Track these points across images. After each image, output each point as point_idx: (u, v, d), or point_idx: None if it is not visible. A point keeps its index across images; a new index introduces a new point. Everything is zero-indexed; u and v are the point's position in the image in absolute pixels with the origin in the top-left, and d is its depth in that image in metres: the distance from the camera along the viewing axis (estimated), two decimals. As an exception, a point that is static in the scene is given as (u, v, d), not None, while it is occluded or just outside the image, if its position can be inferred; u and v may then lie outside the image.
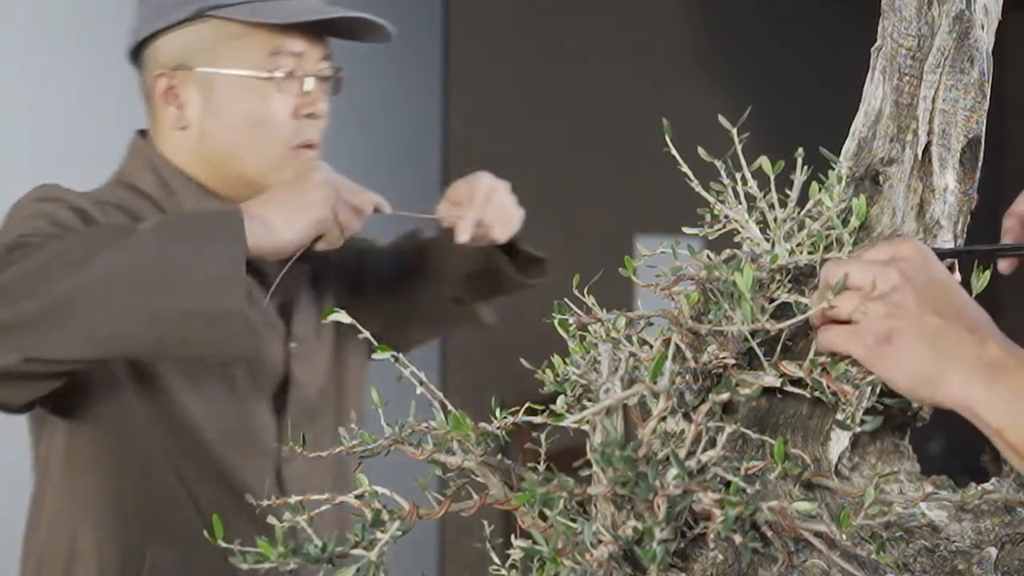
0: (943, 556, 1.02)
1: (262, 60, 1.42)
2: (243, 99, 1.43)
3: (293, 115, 1.44)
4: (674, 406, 0.99)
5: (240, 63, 1.42)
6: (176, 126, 1.48)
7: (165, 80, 1.47)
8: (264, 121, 1.43)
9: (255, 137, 1.44)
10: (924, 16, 1.06)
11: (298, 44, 1.43)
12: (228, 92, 1.43)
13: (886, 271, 0.90)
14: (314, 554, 0.90)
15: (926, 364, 0.89)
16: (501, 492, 1.05)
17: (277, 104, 1.43)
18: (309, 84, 1.44)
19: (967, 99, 1.07)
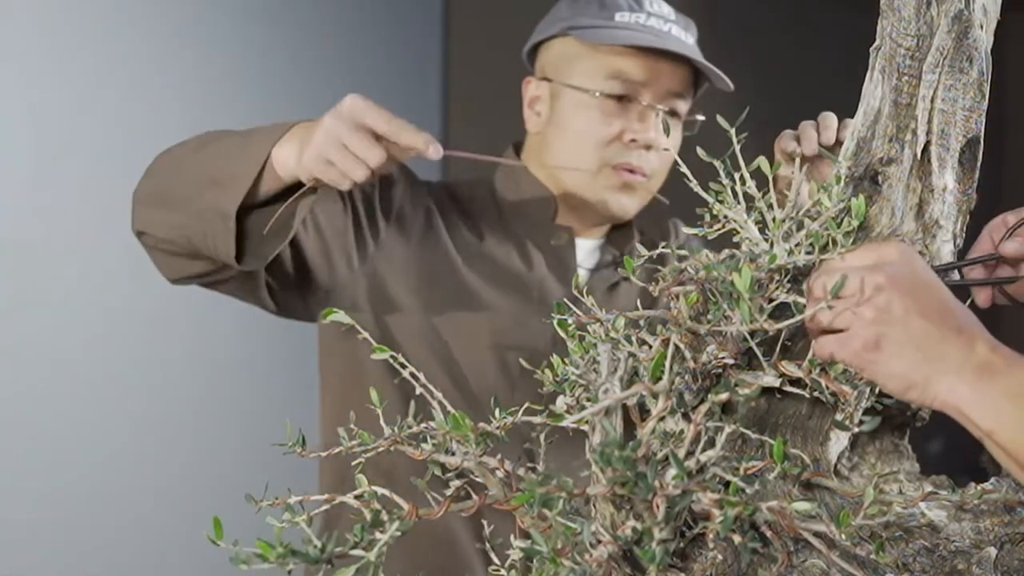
0: (943, 556, 1.02)
1: (598, 80, 1.54)
2: (575, 116, 1.56)
3: (618, 137, 1.54)
4: (673, 406, 0.99)
5: (579, 79, 1.55)
6: (531, 130, 1.63)
7: (532, 87, 1.62)
8: (589, 139, 1.55)
9: (575, 150, 1.55)
10: (923, 16, 1.06)
11: (639, 72, 1.54)
12: (567, 105, 1.57)
13: (871, 276, 0.91)
14: (313, 555, 0.90)
15: (914, 367, 0.89)
16: (500, 492, 1.06)
17: (602, 125, 1.54)
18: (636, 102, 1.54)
19: (966, 99, 1.07)
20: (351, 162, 1.23)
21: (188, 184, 1.36)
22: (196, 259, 1.42)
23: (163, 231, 1.40)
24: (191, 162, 1.38)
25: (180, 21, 2.70)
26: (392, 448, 1.10)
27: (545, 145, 1.60)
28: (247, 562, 0.88)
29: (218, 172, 1.33)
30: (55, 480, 2.49)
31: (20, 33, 2.47)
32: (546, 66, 1.61)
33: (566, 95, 1.57)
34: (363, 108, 1.24)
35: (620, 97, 1.54)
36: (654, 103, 1.55)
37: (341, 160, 1.24)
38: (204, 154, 1.37)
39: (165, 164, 1.42)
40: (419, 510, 1.00)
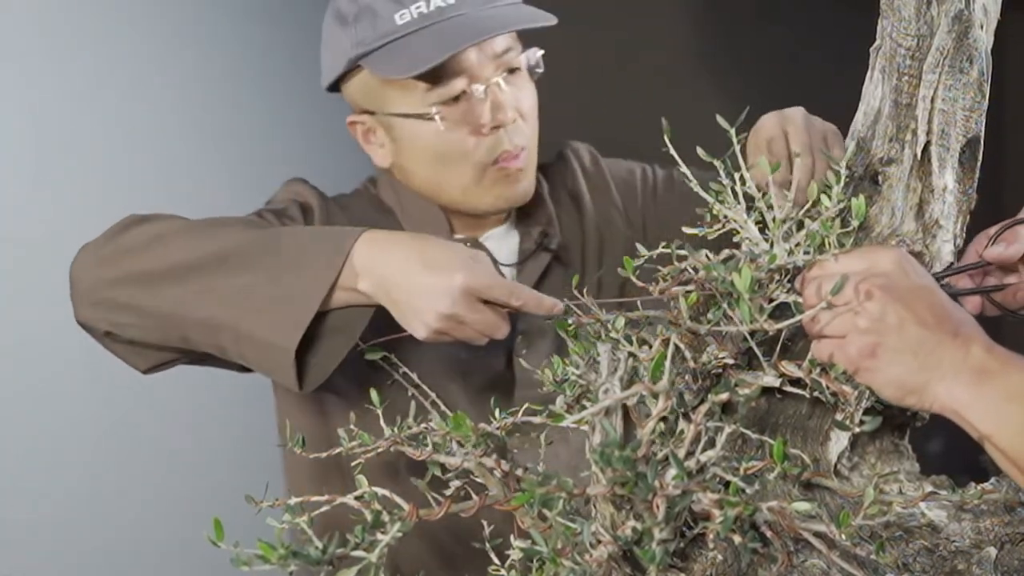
0: (943, 556, 1.02)
1: (422, 96, 1.35)
2: (421, 137, 1.38)
3: (475, 134, 1.37)
4: (673, 406, 0.99)
5: (403, 105, 1.37)
6: (383, 164, 1.45)
7: (359, 125, 1.43)
8: (447, 153, 1.38)
9: (445, 169, 1.39)
10: (923, 16, 1.06)
11: (460, 61, 1.34)
12: (406, 133, 1.39)
13: (864, 284, 0.91)
14: (315, 556, 0.90)
15: (911, 374, 0.90)
16: (501, 492, 1.06)
17: (453, 135, 1.36)
18: (476, 94, 1.35)
19: (966, 99, 1.06)
20: (473, 335, 1.16)
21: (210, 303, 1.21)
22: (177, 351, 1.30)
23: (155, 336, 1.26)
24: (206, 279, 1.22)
25: (180, 21, 2.70)
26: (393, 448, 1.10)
27: (410, 175, 1.43)
28: (248, 563, 0.88)
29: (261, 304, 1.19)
30: (55, 480, 2.49)
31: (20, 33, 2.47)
32: (358, 100, 1.42)
33: (398, 122, 1.39)
34: (482, 285, 1.14)
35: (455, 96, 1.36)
36: (487, 79, 1.36)
37: (461, 334, 1.16)
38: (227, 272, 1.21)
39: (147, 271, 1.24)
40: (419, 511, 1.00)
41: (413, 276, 1.15)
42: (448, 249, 1.18)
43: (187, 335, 1.24)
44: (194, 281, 1.22)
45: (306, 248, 1.21)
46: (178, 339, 1.25)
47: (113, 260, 1.26)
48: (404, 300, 1.16)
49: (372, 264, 1.17)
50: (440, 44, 1.33)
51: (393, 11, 1.34)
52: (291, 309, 1.18)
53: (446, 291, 1.14)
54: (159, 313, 1.24)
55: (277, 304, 1.18)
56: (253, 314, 1.19)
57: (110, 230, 1.29)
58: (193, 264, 1.22)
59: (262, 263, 1.20)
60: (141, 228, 1.27)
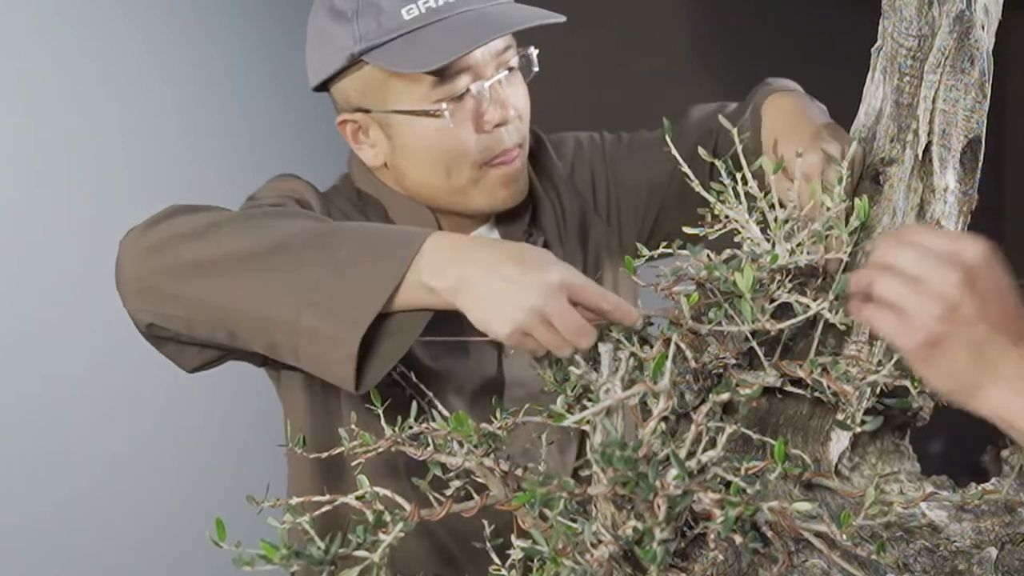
0: (943, 556, 1.02)
1: (427, 92, 1.33)
2: (421, 134, 1.36)
3: (476, 132, 1.36)
4: (674, 406, 0.99)
5: (406, 101, 1.35)
6: (375, 164, 1.42)
7: (349, 125, 1.40)
8: (447, 151, 1.36)
9: (443, 168, 1.37)
10: (925, 16, 1.06)
11: (466, 59, 1.33)
12: (406, 130, 1.37)
13: (950, 271, 0.86)
14: (317, 556, 0.90)
15: (967, 372, 0.87)
16: (501, 492, 1.06)
17: (455, 131, 1.35)
18: (480, 91, 1.34)
19: (967, 99, 1.07)
20: (557, 342, 1.08)
21: (265, 296, 1.16)
22: (222, 349, 1.26)
23: (200, 331, 1.22)
24: (263, 271, 1.17)
25: (180, 21, 2.70)
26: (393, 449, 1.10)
27: (403, 174, 1.41)
28: (250, 563, 0.88)
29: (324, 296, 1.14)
30: (55, 480, 2.49)
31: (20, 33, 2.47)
32: (353, 98, 1.38)
33: (397, 119, 1.36)
34: (575, 285, 1.08)
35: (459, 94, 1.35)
36: (491, 77, 1.35)
37: (544, 337, 1.08)
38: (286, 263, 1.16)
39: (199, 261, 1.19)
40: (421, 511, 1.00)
41: (503, 269, 1.09)
42: (539, 250, 1.13)
43: (236, 330, 1.19)
44: (249, 272, 1.16)
45: (372, 243, 1.16)
46: (225, 335, 1.20)
47: (161, 247, 1.20)
48: (488, 296, 1.09)
49: (447, 262, 1.12)
50: (460, 37, 1.31)
51: (399, 6, 1.32)
52: (356, 304, 1.12)
53: (538, 284, 1.08)
54: (208, 305, 1.19)
55: (340, 299, 1.13)
56: (314, 308, 1.13)
57: (155, 217, 1.24)
58: (248, 254, 1.17)
59: (324, 256, 1.15)
60: (191, 216, 1.22)
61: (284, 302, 1.15)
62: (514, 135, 1.38)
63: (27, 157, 2.47)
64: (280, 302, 1.15)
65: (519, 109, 1.39)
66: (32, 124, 2.48)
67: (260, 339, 1.18)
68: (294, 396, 1.43)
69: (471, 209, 1.41)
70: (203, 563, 1.78)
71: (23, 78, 2.46)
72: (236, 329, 1.19)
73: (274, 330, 1.16)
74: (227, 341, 1.21)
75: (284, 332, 1.15)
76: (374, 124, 1.39)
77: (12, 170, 2.44)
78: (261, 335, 1.18)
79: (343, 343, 1.12)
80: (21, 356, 2.45)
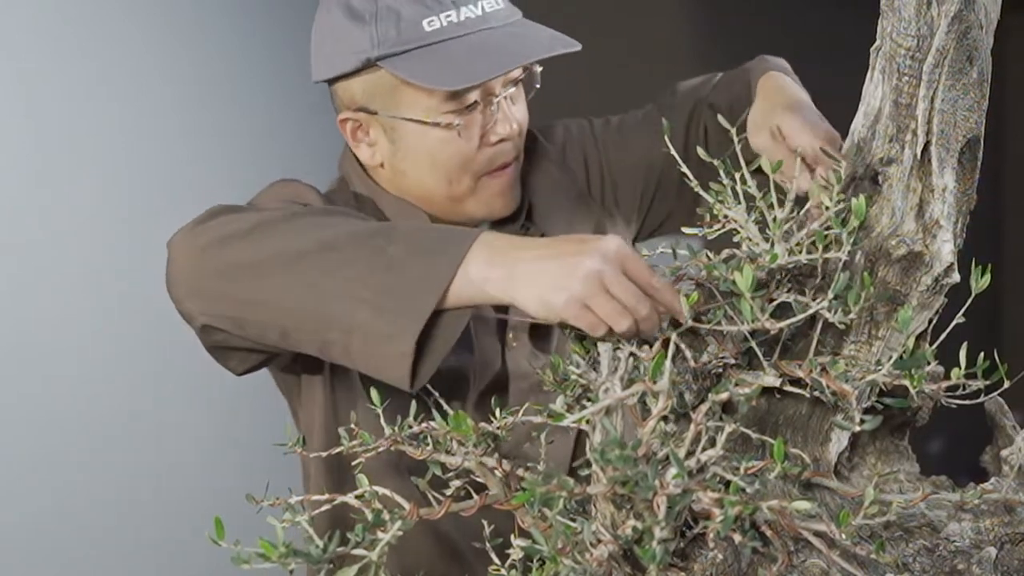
0: (942, 556, 1.02)
1: (438, 103, 1.34)
2: (427, 142, 1.36)
3: (480, 145, 1.37)
4: (674, 406, 0.99)
5: (417, 109, 1.35)
6: (372, 164, 1.42)
7: (350, 123, 1.40)
8: (450, 159, 1.37)
9: (444, 176, 1.38)
10: (923, 16, 1.06)
11: None
12: (412, 136, 1.37)
13: None
14: (315, 554, 0.90)
15: None
16: (501, 492, 1.06)
17: (461, 143, 1.36)
18: (490, 107, 1.36)
19: (966, 99, 1.07)
20: (617, 311, 1.04)
21: (320, 293, 1.16)
22: (271, 351, 1.27)
23: (251, 332, 1.21)
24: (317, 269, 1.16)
25: (179, 21, 2.70)
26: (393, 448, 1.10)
27: (401, 178, 1.41)
28: (249, 561, 0.88)
29: (379, 292, 1.13)
30: (54, 480, 2.49)
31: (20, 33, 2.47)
32: (359, 98, 1.37)
33: (405, 125, 1.36)
34: (630, 255, 1.07)
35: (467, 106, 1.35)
36: (500, 92, 1.36)
37: (604, 307, 1.05)
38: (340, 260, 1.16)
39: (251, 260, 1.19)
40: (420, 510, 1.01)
41: (555, 248, 1.09)
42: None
43: (288, 329, 1.19)
44: (301, 270, 1.16)
45: (423, 240, 1.15)
46: (278, 335, 1.20)
47: (212, 247, 1.20)
48: (542, 276, 1.08)
49: (499, 254, 1.11)
50: (487, 61, 1.32)
51: (421, 16, 1.32)
52: (411, 301, 1.11)
53: (595, 250, 1.06)
54: (261, 304, 1.18)
55: (395, 296, 1.12)
56: (368, 306, 1.13)
57: (201, 217, 1.24)
58: (302, 252, 1.16)
59: (375, 254, 1.14)
60: (239, 215, 1.22)
61: (337, 300, 1.14)
62: (513, 150, 1.40)
63: (27, 157, 2.47)
64: (333, 300, 1.14)
65: (520, 124, 1.40)
66: (32, 124, 2.48)
67: (313, 339, 1.18)
68: (313, 400, 1.43)
69: (466, 216, 1.42)
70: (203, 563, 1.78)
71: (23, 78, 2.47)
72: (289, 329, 1.18)
73: (327, 329, 1.15)
74: (279, 341, 1.21)
75: (338, 330, 1.15)
76: (376, 125, 1.39)
77: (12, 170, 2.44)
78: (314, 334, 1.17)
79: (399, 340, 1.11)
80: (21, 356, 2.45)
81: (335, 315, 1.14)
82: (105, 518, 2.55)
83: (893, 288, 1.06)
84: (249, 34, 2.83)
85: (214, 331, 1.23)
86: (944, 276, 1.06)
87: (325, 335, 1.16)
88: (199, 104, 2.71)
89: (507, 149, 1.39)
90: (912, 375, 1.01)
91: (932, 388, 1.03)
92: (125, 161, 2.60)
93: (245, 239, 1.19)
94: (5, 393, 2.43)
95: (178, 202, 1.35)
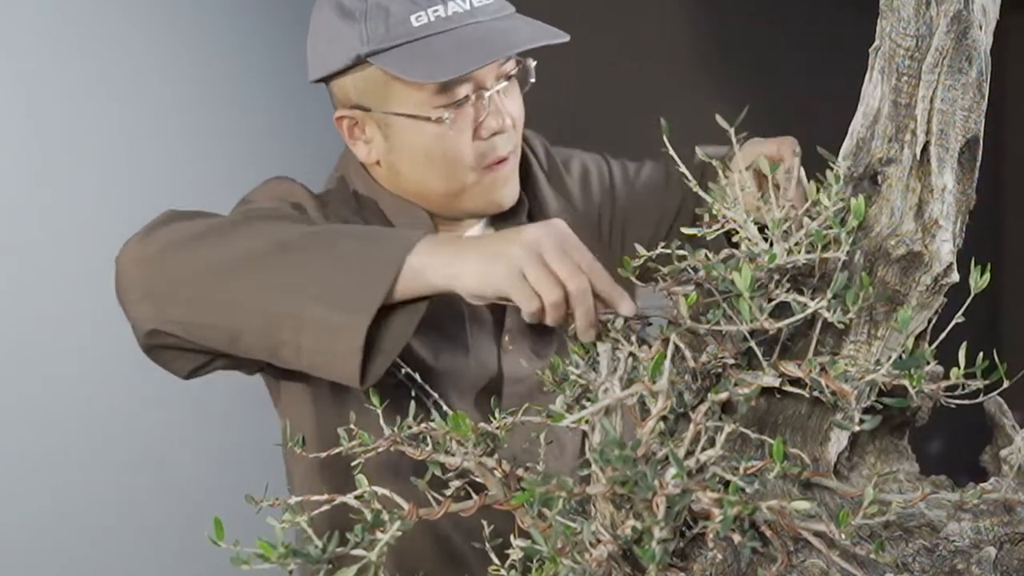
0: (942, 555, 1.02)
1: (429, 98, 1.35)
2: (419, 138, 1.38)
3: (474, 138, 1.38)
4: (673, 406, 0.99)
5: (408, 105, 1.36)
6: (369, 161, 1.43)
7: (346, 120, 1.42)
8: (444, 154, 1.38)
9: (439, 171, 1.39)
10: (922, 16, 1.06)
11: (467, 74, 1.35)
12: (404, 132, 1.38)
13: None
14: (314, 555, 0.90)
15: None
16: (500, 492, 1.06)
17: (453, 137, 1.37)
18: (481, 101, 1.37)
19: (965, 99, 1.07)
20: (549, 282, 1.09)
21: (271, 294, 1.17)
22: (218, 356, 1.27)
23: (200, 335, 1.23)
24: (267, 270, 1.18)
25: (179, 21, 2.70)
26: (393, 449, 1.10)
27: (397, 174, 1.42)
28: (248, 562, 0.89)
29: (329, 288, 1.15)
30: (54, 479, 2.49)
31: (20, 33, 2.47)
32: (353, 95, 1.39)
33: (396, 122, 1.38)
34: (571, 236, 1.12)
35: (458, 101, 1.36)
36: (492, 86, 1.38)
37: (538, 277, 1.09)
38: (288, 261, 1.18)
39: (201, 263, 1.20)
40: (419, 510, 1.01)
41: (497, 237, 1.14)
42: None
43: (239, 333, 1.20)
44: (250, 272, 1.18)
45: (369, 237, 1.19)
46: (227, 339, 1.21)
47: (161, 253, 1.22)
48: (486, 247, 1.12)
49: (442, 245, 1.15)
50: (470, 53, 1.33)
51: (408, 12, 1.33)
52: (360, 294, 1.14)
53: (539, 226, 1.12)
54: (211, 307, 1.19)
55: (344, 290, 1.14)
56: (318, 302, 1.15)
57: (152, 224, 1.26)
58: (251, 255, 1.18)
59: (323, 252, 1.17)
60: (188, 222, 1.24)
61: (288, 299, 1.16)
62: (508, 143, 1.40)
63: (27, 157, 2.47)
64: (284, 299, 1.16)
65: (514, 118, 1.41)
66: (32, 124, 2.48)
67: (264, 342, 1.19)
68: (296, 400, 1.43)
69: (464, 211, 1.43)
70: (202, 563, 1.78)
71: (23, 78, 2.47)
72: (238, 332, 1.19)
73: (278, 329, 1.17)
74: (228, 347, 1.22)
75: (288, 329, 1.16)
76: (371, 122, 1.40)
77: (12, 170, 2.44)
78: (264, 337, 1.18)
79: (349, 335, 1.13)
80: (21, 356, 2.45)
81: (286, 314, 1.15)
82: (105, 518, 2.55)
83: (892, 288, 1.06)
84: (249, 34, 2.83)
85: (163, 336, 1.24)
86: (943, 276, 1.06)
87: (276, 335, 1.17)
88: (199, 104, 2.71)
89: (501, 143, 1.39)
90: (911, 375, 1.01)
91: (931, 388, 1.03)
92: (125, 161, 2.60)
93: (195, 244, 1.20)
94: (5, 393, 2.43)
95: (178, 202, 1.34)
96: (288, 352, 1.18)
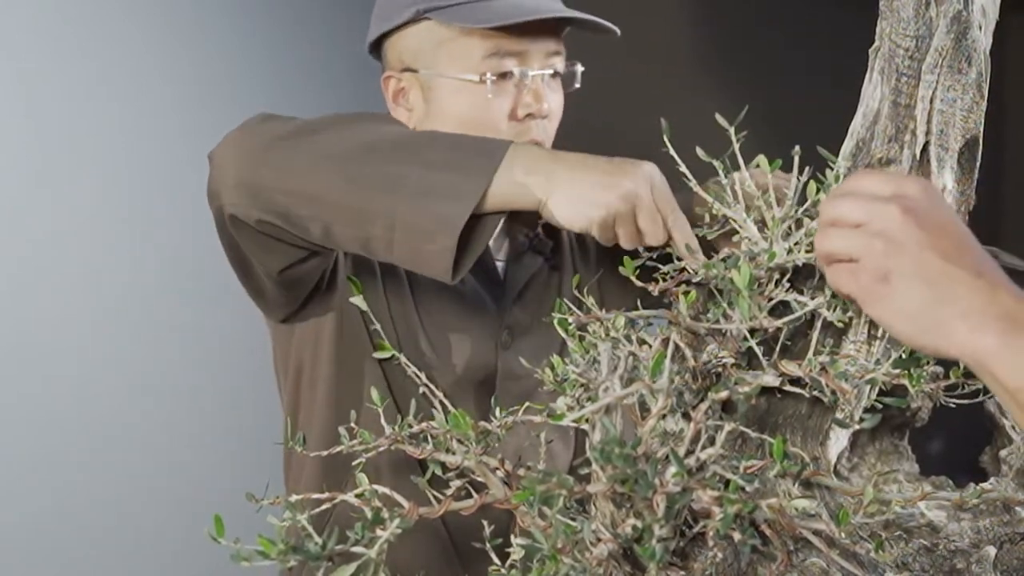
0: (942, 555, 1.02)
1: (476, 63, 1.39)
2: (458, 102, 1.41)
3: (511, 116, 1.41)
4: (673, 405, 0.99)
5: (455, 67, 1.40)
6: (408, 126, 1.43)
7: (393, 82, 1.46)
8: (478, 125, 1.40)
9: None
10: (922, 17, 1.06)
11: (519, 43, 1.40)
12: (445, 95, 1.42)
13: (886, 207, 0.82)
14: (314, 552, 0.90)
15: (927, 307, 0.80)
16: (500, 491, 1.06)
17: (492, 107, 1.40)
18: (523, 77, 1.40)
19: (965, 99, 1.07)
20: (635, 235, 1.16)
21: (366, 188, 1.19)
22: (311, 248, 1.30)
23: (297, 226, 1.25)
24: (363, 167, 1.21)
25: (179, 21, 2.70)
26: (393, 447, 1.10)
27: None
28: (248, 559, 0.89)
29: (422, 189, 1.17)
30: (54, 479, 2.49)
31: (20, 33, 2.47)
32: (405, 56, 1.44)
33: (441, 83, 1.41)
34: (661, 183, 1.16)
35: (502, 73, 1.40)
36: (536, 69, 1.42)
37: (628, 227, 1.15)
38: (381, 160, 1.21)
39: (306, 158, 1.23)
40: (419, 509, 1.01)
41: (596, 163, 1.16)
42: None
43: (333, 223, 1.22)
44: (349, 167, 1.20)
45: (465, 144, 1.21)
46: (321, 229, 1.23)
47: (262, 146, 1.25)
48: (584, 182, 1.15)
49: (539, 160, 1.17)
50: (526, 10, 1.37)
51: None
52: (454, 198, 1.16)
53: (638, 174, 1.15)
54: (309, 197, 1.21)
55: (438, 193, 1.16)
56: (412, 202, 1.17)
57: (249, 122, 1.30)
58: (349, 151, 1.21)
59: (418, 155, 1.19)
60: (285, 121, 1.27)
61: (383, 196, 1.18)
62: (541, 131, 1.43)
63: (27, 157, 2.47)
64: (378, 195, 1.18)
65: (552, 110, 1.44)
66: (32, 124, 2.48)
67: (357, 233, 1.21)
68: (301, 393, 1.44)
69: None
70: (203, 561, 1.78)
71: (23, 78, 2.47)
72: (333, 222, 1.22)
73: (371, 224, 1.19)
74: (321, 238, 1.24)
75: (381, 226, 1.19)
76: (416, 87, 1.44)
77: (12, 170, 2.44)
78: (358, 229, 1.21)
79: (442, 235, 1.15)
80: (21, 356, 2.45)
81: (379, 210, 1.18)
82: (105, 518, 2.55)
83: (892, 288, 1.06)
84: (249, 34, 2.83)
85: (266, 225, 1.26)
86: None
87: (369, 230, 1.19)
88: (199, 104, 2.71)
89: (535, 128, 1.42)
90: (911, 374, 1.01)
91: (931, 388, 1.03)
92: (125, 161, 2.60)
93: (293, 139, 1.23)
94: (5, 393, 2.43)
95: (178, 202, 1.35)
96: (380, 246, 1.21)
